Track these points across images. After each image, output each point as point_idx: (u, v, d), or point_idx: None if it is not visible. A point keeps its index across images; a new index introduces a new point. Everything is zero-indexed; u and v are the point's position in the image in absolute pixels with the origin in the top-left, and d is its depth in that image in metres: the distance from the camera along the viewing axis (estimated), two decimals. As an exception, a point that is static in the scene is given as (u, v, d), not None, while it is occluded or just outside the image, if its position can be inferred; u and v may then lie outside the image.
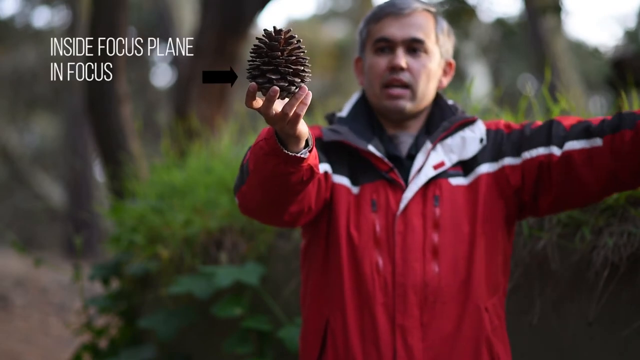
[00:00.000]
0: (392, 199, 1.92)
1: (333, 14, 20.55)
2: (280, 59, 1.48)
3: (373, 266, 1.90)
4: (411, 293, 1.88)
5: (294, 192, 1.71)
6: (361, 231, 1.91)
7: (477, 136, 1.98)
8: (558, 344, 2.32)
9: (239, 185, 1.79)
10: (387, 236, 1.91)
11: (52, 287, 7.66)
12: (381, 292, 1.89)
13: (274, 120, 1.53)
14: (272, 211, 1.78)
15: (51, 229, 16.84)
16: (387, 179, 1.94)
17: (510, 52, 16.72)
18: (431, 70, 1.99)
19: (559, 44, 9.52)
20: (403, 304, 1.88)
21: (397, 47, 1.98)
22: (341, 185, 1.95)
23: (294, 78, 1.50)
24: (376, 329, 1.88)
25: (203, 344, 3.38)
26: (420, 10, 2.00)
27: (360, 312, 1.90)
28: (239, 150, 3.86)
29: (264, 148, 1.62)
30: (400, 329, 1.87)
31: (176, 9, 10.99)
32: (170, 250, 3.43)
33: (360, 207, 1.93)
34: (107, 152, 5.00)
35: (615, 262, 2.21)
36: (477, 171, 1.96)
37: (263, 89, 1.50)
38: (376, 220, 1.92)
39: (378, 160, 1.94)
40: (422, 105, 2.01)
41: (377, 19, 2.01)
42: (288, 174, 1.64)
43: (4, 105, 16.57)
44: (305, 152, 1.62)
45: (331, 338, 1.92)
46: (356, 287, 1.90)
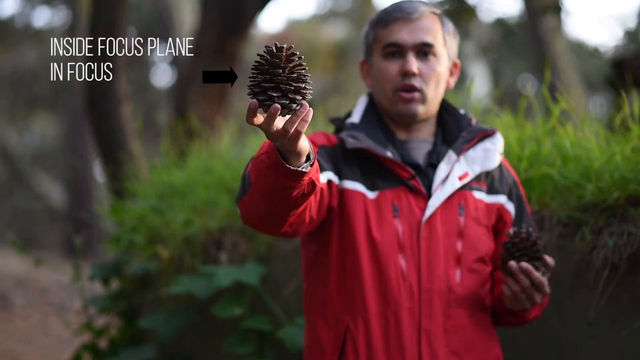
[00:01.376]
0: (414, 206, 1.94)
1: (333, 14, 20.55)
2: (281, 76, 1.48)
3: (398, 271, 1.91)
4: (436, 298, 1.91)
5: (295, 205, 1.71)
6: (384, 236, 1.92)
7: (498, 148, 2.03)
8: (558, 344, 2.32)
9: (241, 196, 1.79)
10: (411, 242, 1.92)
11: (52, 287, 7.66)
12: (407, 297, 1.90)
13: (275, 136, 1.53)
14: (274, 222, 1.78)
15: (51, 229, 16.84)
16: (408, 186, 1.95)
17: (510, 52, 16.72)
18: (440, 73, 2.03)
19: (559, 44, 9.52)
20: (429, 309, 1.90)
21: (408, 52, 2.00)
22: (354, 191, 1.95)
23: (295, 96, 1.49)
24: (401, 334, 1.89)
25: (203, 344, 3.38)
26: (427, 14, 2.02)
27: (384, 318, 1.90)
28: (239, 150, 3.86)
29: (265, 161, 1.62)
30: (426, 334, 1.89)
31: (176, 9, 10.99)
32: (170, 250, 3.43)
33: (381, 212, 1.94)
34: (107, 152, 5.00)
35: (615, 262, 2.21)
36: (498, 198, 2.03)
37: (264, 106, 1.49)
38: (399, 225, 1.93)
39: (399, 167, 1.96)
40: (432, 108, 2.05)
41: (386, 24, 2.02)
42: (289, 187, 1.63)
43: (4, 105, 16.57)
44: (306, 166, 1.61)
45: (351, 344, 1.91)
46: (380, 292, 1.91)
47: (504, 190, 2.04)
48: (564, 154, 2.51)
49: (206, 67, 5.43)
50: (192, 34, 6.35)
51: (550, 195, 2.44)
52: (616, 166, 2.32)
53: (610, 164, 2.33)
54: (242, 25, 5.55)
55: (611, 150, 2.36)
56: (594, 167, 2.35)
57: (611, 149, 2.37)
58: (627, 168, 2.30)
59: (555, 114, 2.63)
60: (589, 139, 2.49)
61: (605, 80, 5.79)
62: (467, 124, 2.06)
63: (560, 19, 9.29)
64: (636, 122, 2.45)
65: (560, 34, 9.81)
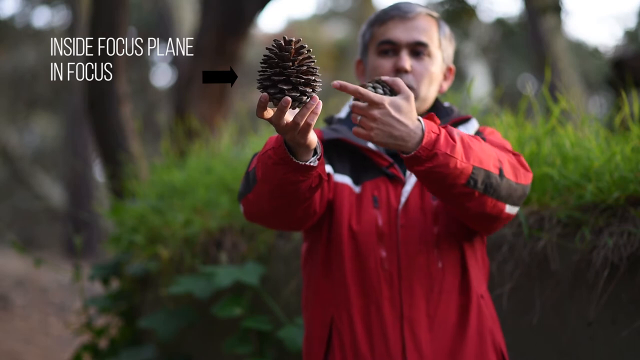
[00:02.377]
0: (392, 194, 1.94)
1: (333, 14, 20.54)
2: (291, 69, 1.49)
3: (377, 261, 1.91)
4: (417, 285, 1.90)
5: (302, 200, 1.72)
6: (363, 228, 1.93)
7: (471, 132, 2.02)
8: (558, 344, 2.32)
9: (244, 193, 1.79)
10: (390, 230, 1.92)
11: (52, 287, 7.67)
12: (387, 286, 1.90)
13: (285, 130, 1.54)
14: (279, 217, 1.79)
15: (51, 229, 16.83)
16: (387, 174, 1.96)
17: (510, 52, 16.73)
18: (433, 74, 2.02)
19: (559, 44, 9.52)
20: (410, 297, 1.89)
21: (402, 50, 2.00)
22: (343, 185, 1.96)
23: (305, 88, 1.50)
24: (384, 323, 1.89)
25: (203, 344, 3.38)
26: (424, 15, 2.03)
27: (367, 308, 1.91)
28: (239, 150, 3.86)
29: (272, 157, 1.62)
30: (408, 321, 1.89)
31: (176, 9, 11.00)
32: (170, 250, 3.43)
33: (362, 205, 1.94)
34: (107, 152, 5.00)
35: (615, 262, 2.21)
36: None
37: (274, 100, 1.50)
38: (378, 215, 1.93)
39: (378, 156, 1.96)
40: (423, 108, 2.05)
41: (382, 22, 2.03)
42: (297, 182, 1.64)
43: (4, 105, 16.57)
44: (314, 160, 1.63)
45: (337, 337, 1.92)
46: (361, 284, 1.92)
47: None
48: (564, 154, 2.51)
49: (206, 67, 5.44)
50: (192, 34, 6.36)
51: (550, 195, 2.45)
52: (616, 166, 2.32)
53: (610, 164, 2.33)
54: (242, 25, 5.55)
55: (611, 150, 2.36)
56: (594, 167, 2.35)
57: (611, 149, 2.37)
58: (627, 168, 2.30)
59: (555, 113, 2.63)
60: (589, 139, 2.49)
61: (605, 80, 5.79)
62: (447, 114, 2.06)
63: (560, 19, 9.29)
64: (636, 122, 2.45)
65: (560, 34, 9.81)
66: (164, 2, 11.19)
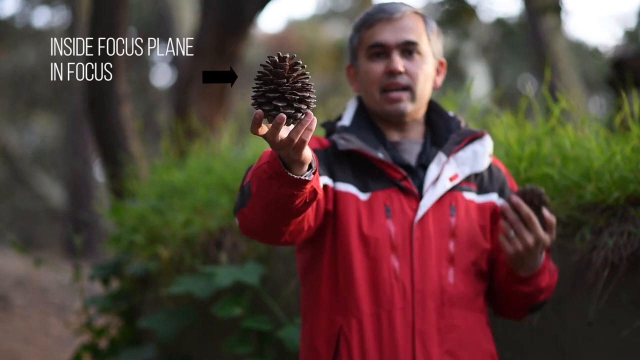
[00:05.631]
0: (406, 206, 1.95)
1: (333, 14, 20.53)
2: (286, 86, 1.48)
3: (391, 271, 1.91)
4: (429, 299, 1.91)
5: (296, 214, 1.71)
6: (376, 233, 1.92)
7: (487, 151, 2.05)
8: (558, 344, 2.32)
9: (239, 207, 1.78)
10: (404, 242, 1.93)
11: (52, 287, 7.67)
12: (400, 297, 1.90)
13: (279, 146, 1.54)
14: (273, 232, 1.78)
15: (51, 229, 16.83)
16: (400, 187, 1.96)
17: (510, 52, 16.72)
18: (427, 71, 2.04)
19: (559, 44, 9.52)
20: (422, 310, 1.90)
21: (392, 52, 2.01)
22: (347, 193, 1.95)
23: (300, 105, 1.49)
24: (394, 335, 1.89)
25: (203, 344, 3.38)
26: (410, 13, 2.04)
27: (378, 318, 1.90)
28: (239, 150, 3.86)
29: (267, 171, 1.62)
30: (420, 335, 1.89)
31: (176, 9, 11.00)
32: (170, 250, 3.43)
33: (374, 213, 1.94)
34: (107, 152, 5.00)
35: (615, 262, 2.21)
36: (489, 197, 2.04)
37: (269, 116, 1.50)
38: (391, 226, 1.93)
39: (391, 168, 1.96)
40: (421, 107, 2.06)
41: (369, 25, 2.03)
42: (292, 196, 1.63)
43: (4, 105, 16.57)
44: (309, 174, 1.62)
45: (345, 345, 1.91)
46: (373, 293, 1.91)
47: (494, 188, 2.05)
48: (564, 154, 2.51)
49: (206, 67, 5.43)
50: (192, 34, 6.35)
51: (550, 195, 2.44)
52: (616, 166, 2.32)
53: (610, 164, 2.33)
54: (242, 25, 5.55)
55: (611, 150, 2.36)
56: (594, 167, 2.35)
57: (611, 149, 2.37)
58: (627, 168, 2.30)
59: (555, 114, 2.63)
60: (589, 139, 2.49)
61: (605, 80, 5.79)
62: (457, 126, 2.08)
63: (560, 19, 9.30)
64: (636, 122, 2.45)
65: (560, 34, 9.82)
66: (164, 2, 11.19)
